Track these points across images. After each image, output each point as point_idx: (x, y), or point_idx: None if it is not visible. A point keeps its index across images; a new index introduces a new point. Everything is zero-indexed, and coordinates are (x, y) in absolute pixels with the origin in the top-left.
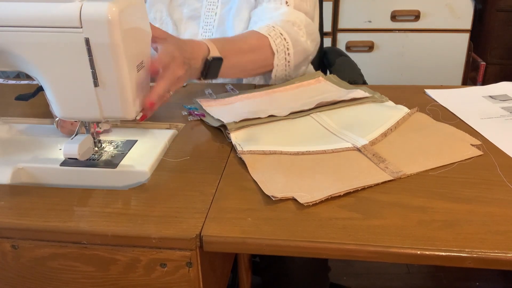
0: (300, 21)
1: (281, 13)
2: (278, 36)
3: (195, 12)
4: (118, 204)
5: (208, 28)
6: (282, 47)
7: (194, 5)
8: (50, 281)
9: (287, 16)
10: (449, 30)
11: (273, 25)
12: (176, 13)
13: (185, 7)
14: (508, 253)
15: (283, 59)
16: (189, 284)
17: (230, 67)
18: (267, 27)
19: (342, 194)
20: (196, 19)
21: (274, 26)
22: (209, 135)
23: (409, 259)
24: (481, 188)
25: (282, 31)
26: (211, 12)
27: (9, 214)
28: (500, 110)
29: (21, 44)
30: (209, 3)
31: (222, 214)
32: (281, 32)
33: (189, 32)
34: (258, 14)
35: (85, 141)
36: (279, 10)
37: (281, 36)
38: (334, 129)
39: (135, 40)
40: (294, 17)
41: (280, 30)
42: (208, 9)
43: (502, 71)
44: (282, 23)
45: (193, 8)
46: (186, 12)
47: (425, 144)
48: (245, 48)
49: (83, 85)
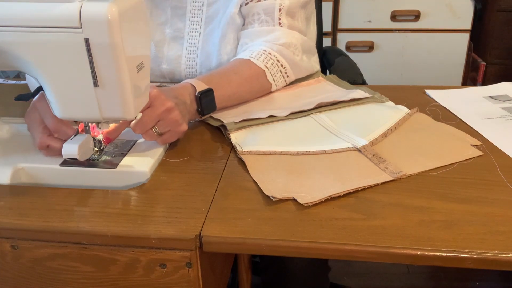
0: (296, 41)
1: (276, 36)
2: (275, 65)
3: (178, 33)
4: (118, 204)
5: (193, 49)
6: (279, 74)
7: (177, 25)
8: (50, 281)
9: (282, 38)
10: (449, 30)
11: (269, 51)
12: (158, 33)
13: (168, 26)
14: (508, 253)
15: (283, 83)
16: (189, 284)
17: (226, 99)
18: (264, 54)
19: (342, 194)
20: (180, 39)
21: (271, 52)
22: (209, 135)
23: (409, 259)
24: (481, 188)
25: (279, 57)
26: (195, 32)
27: (9, 214)
28: (500, 110)
29: (21, 44)
30: (192, 23)
31: (222, 214)
32: (278, 59)
33: (173, 53)
34: (250, 36)
35: (85, 141)
36: (274, 32)
37: (278, 63)
38: (334, 129)
39: (135, 40)
40: (289, 39)
41: (277, 57)
42: (192, 29)
43: (502, 71)
44: (278, 48)
45: (176, 28)
46: (168, 32)
47: (425, 144)
48: (236, 79)
49: (82, 85)
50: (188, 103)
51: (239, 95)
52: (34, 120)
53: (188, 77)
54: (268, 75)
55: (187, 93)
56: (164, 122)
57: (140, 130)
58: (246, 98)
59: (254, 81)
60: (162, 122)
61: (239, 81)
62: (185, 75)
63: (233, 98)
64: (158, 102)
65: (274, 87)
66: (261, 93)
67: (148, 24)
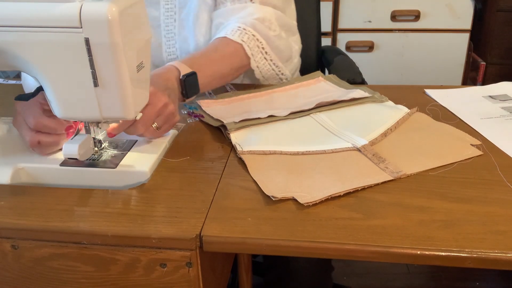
0: (270, 16)
1: (249, 12)
2: (252, 39)
3: (154, 21)
4: (118, 204)
5: (171, 36)
6: (256, 48)
7: (152, 14)
8: (50, 281)
9: (255, 14)
10: (449, 30)
11: (244, 27)
12: None
13: None
14: (508, 253)
15: (262, 59)
16: (189, 284)
17: (209, 78)
18: (239, 30)
19: (342, 194)
20: (157, 28)
21: (245, 28)
22: (209, 135)
23: (409, 259)
24: (481, 188)
25: (254, 32)
26: (170, 19)
27: (9, 214)
28: (500, 110)
29: (21, 44)
30: (166, 10)
31: (222, 214)
32: (253, 34)
33: (153, 42)
34: (224, 15)
35: (85, 141)
36: (246, 9)
37: (254, 38)
38: (334, 129)
39: (135, 40)
40: (262, 14)
41: (252, 32)
42: (167, 16)
43: (502, 71)
44: (252, 23)
45: (151, 17)
46: None
47: (425, 144)
48: (216, 57)
49: (83, 85)
50: (176, 88)
51: (221, 72)
52: (20, 123)
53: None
54: (246, 48)
55: (174, 76)
56: (162, 117)
57: (143, 128)
58: (227, 75)
59: (233, 57)
60: (161, 117)
61: (220, 58)
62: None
63: (215, 76)
64: (156, 99)
65: (254, 62)
66: (241, 69)
67: (148, 24)
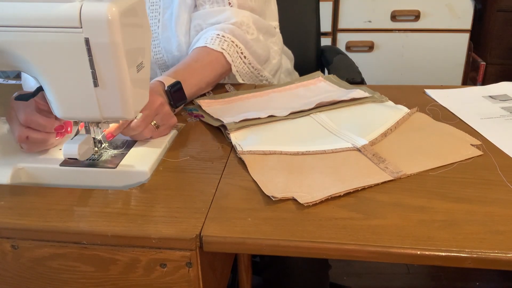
0: (247, 20)
1: (227, 16)
2: (231, 46)
3: None
4: (118, 204)
5: (155, 36)
6: (236, 54)
7: None
8: (50, 281)
9: (233, 18)
10: (449, 30)
11: (223, 34)
12: None
13: None
14: (508, 253)
15: (241, 63)
16: (189, 284)
17: (194, 88)
18: (218, 38)
19: (342, 194)
20: None
21: (224, 35)
22: (209, 135)
23: (409, 259)
24: (481, 188)
25: (233, 39)
26: (155, 20)
27: (9, 214)
28: (500, 110)
29: (21, 44)
30: (151, 11)
31: (222, 214)
32: (232, 40)
33: None
34: (202, 17)
35: (85, 141)
36: (224, 12)
37: (233, 44)
38: (334, 129)
39: (135, 40)
40: (240, 18)
41: (231, 38)
42: (151, 16)
43: (502, 71)
44: (230, 29)
45: None
46: None
47: (425, 144)
48: (198, 66)
49: (83, 85)
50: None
51: (205, 80)
52: (11, 119)
53: (158, 63)
54: (226, 55)
55: (161, 89)
56: (160, 116)
57: (143, 125)
58: (212, 82)
59: (215, 65)
60: (158, 116)
61: (202, 67)
62: (155, 61)
63: (201, 84)
64: (153, 98)
65: (234, 67)
66: (223, 74)
67: (148, 24)
